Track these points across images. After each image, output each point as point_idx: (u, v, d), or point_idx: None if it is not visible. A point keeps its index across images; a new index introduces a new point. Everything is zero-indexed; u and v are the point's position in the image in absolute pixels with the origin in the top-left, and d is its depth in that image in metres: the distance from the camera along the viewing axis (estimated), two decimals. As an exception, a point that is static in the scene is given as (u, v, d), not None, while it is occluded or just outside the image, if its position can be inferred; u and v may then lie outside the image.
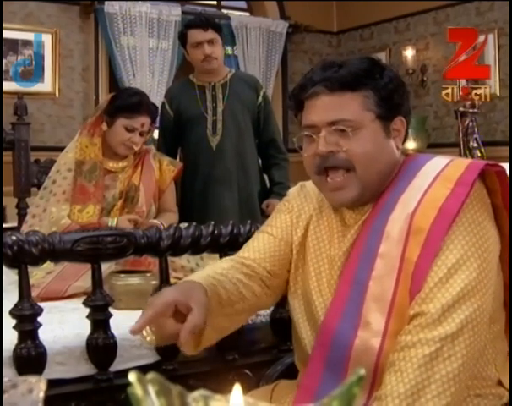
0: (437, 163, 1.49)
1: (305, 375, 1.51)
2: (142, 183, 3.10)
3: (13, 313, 1.90)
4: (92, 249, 1.93)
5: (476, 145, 5.47)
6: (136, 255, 2.06)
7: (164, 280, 2.07)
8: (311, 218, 1.62)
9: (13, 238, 1.83)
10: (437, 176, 1.45)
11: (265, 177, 3.82)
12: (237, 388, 0.54)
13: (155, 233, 2.01)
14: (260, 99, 3.69)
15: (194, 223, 2.11)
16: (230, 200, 3.59)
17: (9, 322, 1.93)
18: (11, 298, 2.28)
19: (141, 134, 3.06)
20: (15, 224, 3.85)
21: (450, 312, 1.34)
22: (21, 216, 3.84)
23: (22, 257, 1.85)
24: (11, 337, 1.90)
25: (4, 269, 2.03)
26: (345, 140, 1.46)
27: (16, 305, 1.90)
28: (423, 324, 1.34)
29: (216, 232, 2.09)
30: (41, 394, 0.69)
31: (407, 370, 1.32)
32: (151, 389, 0.50)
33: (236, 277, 1.54)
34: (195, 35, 3.55)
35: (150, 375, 0.52)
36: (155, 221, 3.05)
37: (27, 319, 1.90)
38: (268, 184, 3.80)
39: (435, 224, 1.38)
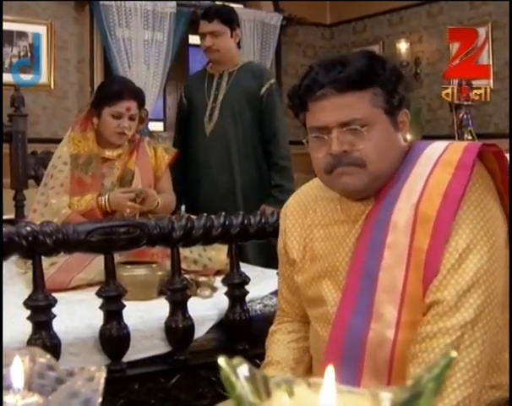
0: (436, 148, 1.49)
1: (320, 371, 1.50)
2: (137, 168, 3.10)
3: (27, 304, 1.89)
4: (105, 239, 1.93)
5: (470, 137, 5.49)
6: (148, 246, 2.06)
7: (176, 271, 2.07)
8: (313, 222, 1.62)
9: (28, 228, 1.82)
10: (437, 160, 1.45)
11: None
12: (330, 369, 0.54)
13: (168, 223, 2.01)
14: (263, 89, 3.60)
15: (205, 214, 2.11)
16: (222, 187, 3.57)
17: (10, 316, 1.93)
18: (12, 290, 2.27)
19: (131, 119, 3.04)
20: (12, 216, 3.83)
21: (467, 297, 1.35)
22: (18, 209, 3.82)
23: (36, 248, 1.84)
24: (11, 332, 1.89)
25: (4, 263, 2.02)
26: (358, 139, 1.45)
27: (30, 296, 1.90)
28: (441, 312, 1.35)
29: (227, 222, 2.10)
30: (102, 381, 0.69)
31: (431, 361, 1.32)
32: (240, 373, 0.51)
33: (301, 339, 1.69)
34: (200, 25, 3.59)
35: (237, 360, 0.52)
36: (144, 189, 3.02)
37: (41, 310, 1.89)
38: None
39: (442, 210, 1.39)
